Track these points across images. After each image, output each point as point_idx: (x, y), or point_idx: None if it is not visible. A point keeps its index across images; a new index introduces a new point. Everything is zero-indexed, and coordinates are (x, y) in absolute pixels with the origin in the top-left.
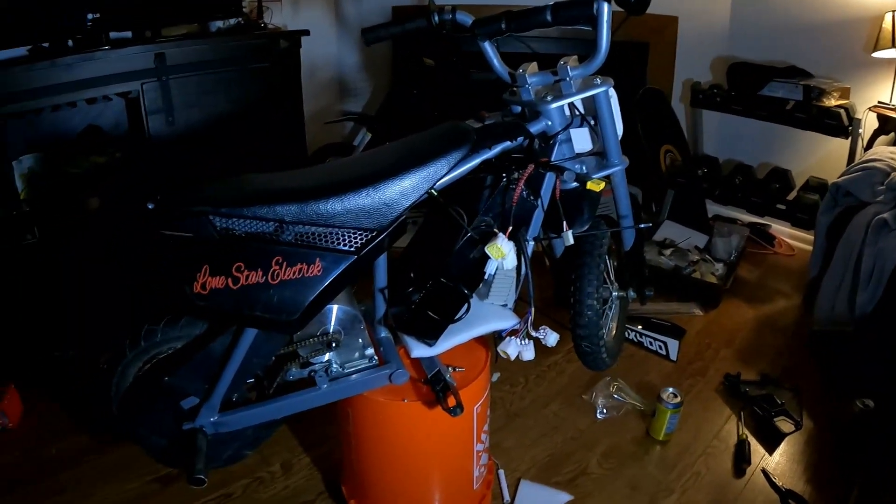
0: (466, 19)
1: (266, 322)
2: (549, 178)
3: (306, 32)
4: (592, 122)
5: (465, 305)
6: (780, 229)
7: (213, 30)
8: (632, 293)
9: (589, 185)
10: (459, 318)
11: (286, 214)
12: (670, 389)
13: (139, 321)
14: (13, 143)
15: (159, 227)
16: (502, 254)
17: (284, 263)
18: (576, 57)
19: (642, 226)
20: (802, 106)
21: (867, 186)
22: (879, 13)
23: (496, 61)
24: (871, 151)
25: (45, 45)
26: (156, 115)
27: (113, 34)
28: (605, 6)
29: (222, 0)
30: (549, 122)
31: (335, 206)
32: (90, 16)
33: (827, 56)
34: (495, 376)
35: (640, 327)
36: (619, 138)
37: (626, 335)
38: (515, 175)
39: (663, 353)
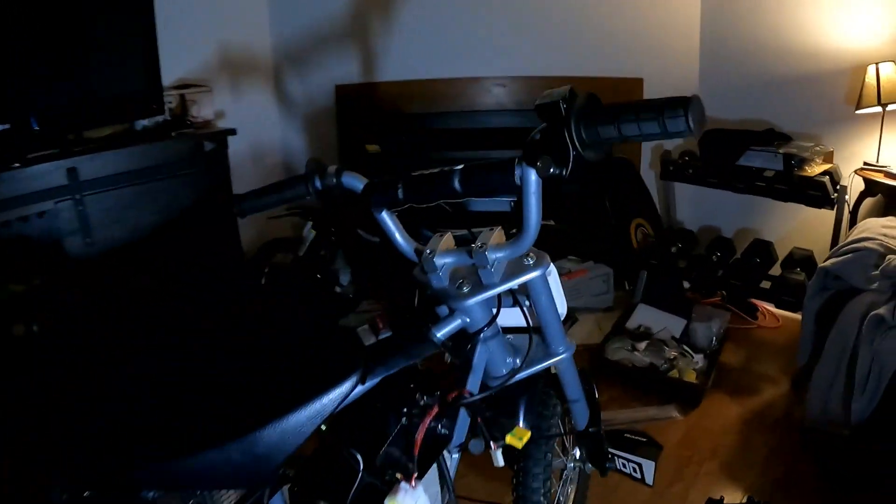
0: (356, 184)
1: None
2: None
3: (233, 132)
4: (528, 304)
5: None
6: None
7: (139, 128)
8: (590, 466)
9: (508, 440)
10: None
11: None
12: None
13: None
14: None
15: None
16: None
17: None
18: (500, 230)
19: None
20: (783, 176)
21: (859, 270)
22: (859, 65)
23: (398, 235)
24: (860, 227)
25: None
26: (72, 236)
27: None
28: (532, 174)
29: (142, 99)
30: (468, 319)
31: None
32: None
33: (806, 112)
34: None
35: (611, 448)
36: (563, 318)
37: None
38: (419, 409)
39: (638, 476)
